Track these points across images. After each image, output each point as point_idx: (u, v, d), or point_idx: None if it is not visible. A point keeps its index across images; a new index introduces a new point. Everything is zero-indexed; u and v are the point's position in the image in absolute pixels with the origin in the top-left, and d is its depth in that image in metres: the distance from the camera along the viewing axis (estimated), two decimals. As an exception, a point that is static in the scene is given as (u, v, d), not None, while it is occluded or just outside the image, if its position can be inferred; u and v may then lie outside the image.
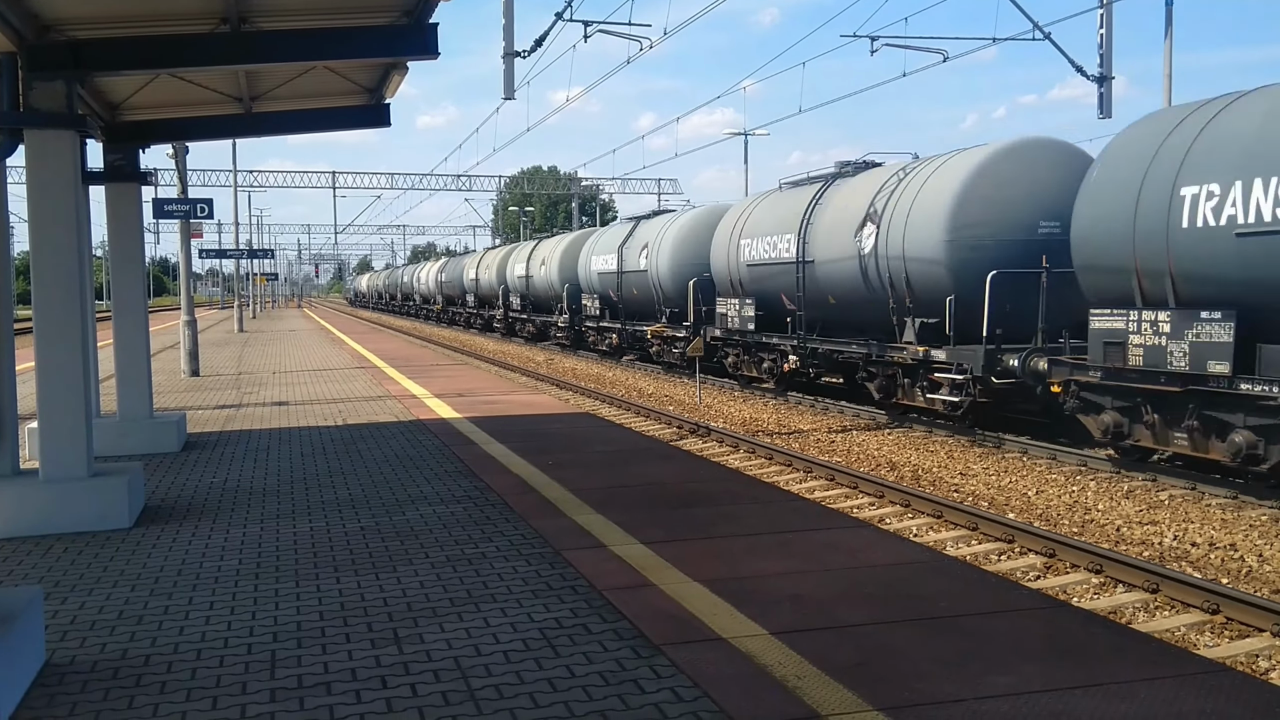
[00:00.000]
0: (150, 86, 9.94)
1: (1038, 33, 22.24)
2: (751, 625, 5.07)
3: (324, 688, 4.42)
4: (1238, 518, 10.49)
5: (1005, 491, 12.12)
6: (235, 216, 44.33)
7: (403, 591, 5.78)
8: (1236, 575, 8.81)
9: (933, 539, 10.03)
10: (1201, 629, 7.49)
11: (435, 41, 7.89)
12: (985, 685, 4.30)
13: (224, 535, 7.18)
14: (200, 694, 4.38)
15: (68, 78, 7.48)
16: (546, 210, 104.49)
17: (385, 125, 11.01)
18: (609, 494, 8.27)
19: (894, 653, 4.70)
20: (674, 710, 4.13)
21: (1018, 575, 8.79)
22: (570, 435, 11.71)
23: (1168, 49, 21.03)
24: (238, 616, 5.40)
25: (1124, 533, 10.19)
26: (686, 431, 16.76)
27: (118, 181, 10.67)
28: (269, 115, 11.28)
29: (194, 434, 12.13)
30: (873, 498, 11.75)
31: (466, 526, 7.27)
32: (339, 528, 7.31)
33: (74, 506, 7.38)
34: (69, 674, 4.65)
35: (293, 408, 14.75)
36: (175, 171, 21.47)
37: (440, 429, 12.20)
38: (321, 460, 10.13)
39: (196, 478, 9.39)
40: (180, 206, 18.24)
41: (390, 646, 4.91)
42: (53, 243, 7.38)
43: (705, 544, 6.66)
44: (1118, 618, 7.69)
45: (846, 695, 4.21)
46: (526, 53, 22.01)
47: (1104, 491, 11.84)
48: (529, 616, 5.31)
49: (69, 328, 7.44)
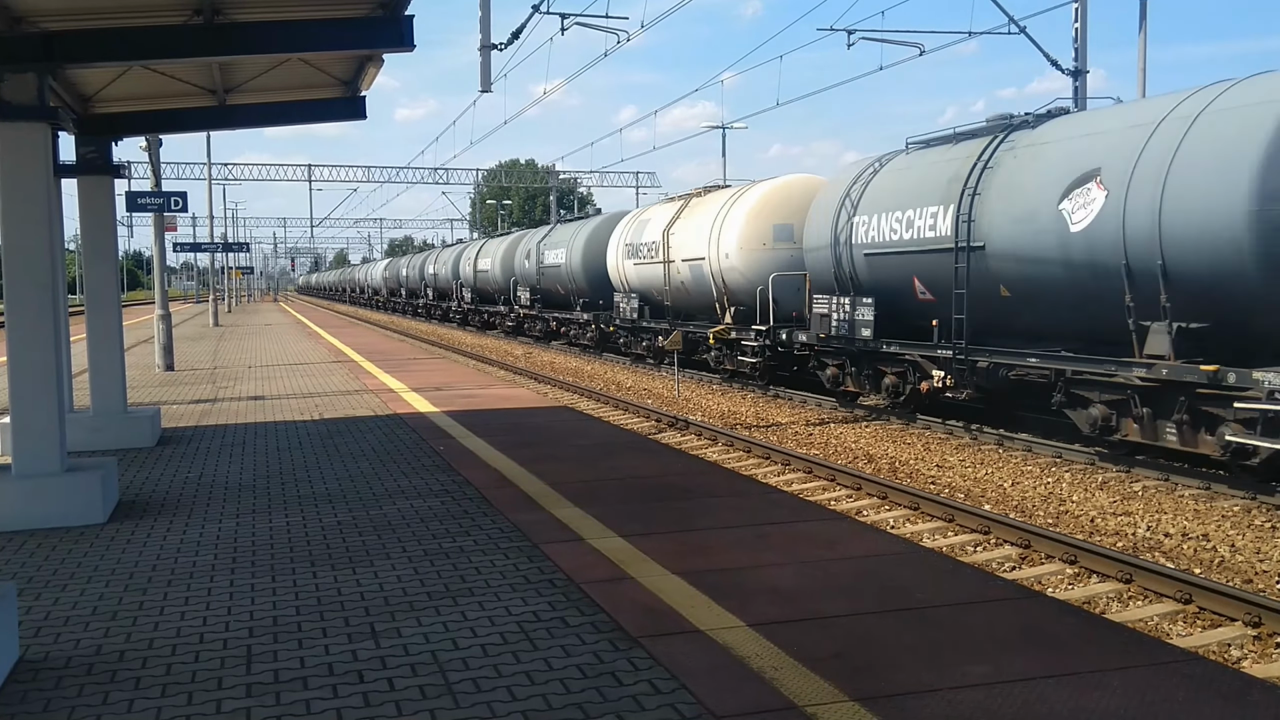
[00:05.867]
0: (123, 79, 9.85)
1: (1014, 26, 22.34)
2: (729, 617, 5.09)
3: (300, 682, 4.41)
4: (1210, 508, 10.60)
5: (981, 483, 12.20)
6: (210, 210, 43.97)
7: (380, 586, 5.76)
8: (1209, 565, 8.90)
9: (909, 531, 10.09)
10: (1174, 618, 7.57)
11: (410, 33, 7.84)
12: (961, 675, 4.33)
13: (199, 530, 7.14)
14: (175, 689, 4.36)
15: (39, 70, 7.40)
16: (525, 204, 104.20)
17: (361, 118, 10.94)
18: (587, 487, 8.27)
19: (871, 643, 4.73)
20: (652, 702, 4.14)
21: (993, 566, 8.86)
22: (549, 429, 11.69)
23: (1141, 42, 21.18)
24: (213, 612, 5.38)
25: (1098, 523, 10.28)
26: (665, 425, 16.77)
27: (90, 174, 10.57)
28: (243, 108, 11.18)
29: (169, 429, 12.05)
30: (850, 490, 11.80)
31: (444, 520, 7.25)
32: (315, 522, 7.28)
33: (47, 502, 7.32)
34: (43, 670, 4.62)
35: (269, 402, 14.67)
36: (149, 164, 21.30)
37: (418, 423, 12.16)
38: (298, 455, 10.08)
39: (171, 473, 9.33)
40: (154, 200, 18.09)
41: (367, 641, 4.89)
42: (24, 236, 7.31)
43: (683, 537, 6.68)
44: (1092, 608, 7.76)
45: (823, 686, 4.23)
46: (503, 45, 21.91)
47: (1079, 483, 11.93)
48: (507, 610, 5.30)
49: (41, 322, 7.37)
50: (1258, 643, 7.04)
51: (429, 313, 58.73)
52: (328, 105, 11.13)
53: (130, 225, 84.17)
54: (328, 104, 11.09)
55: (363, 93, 10.63)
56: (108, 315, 10.83)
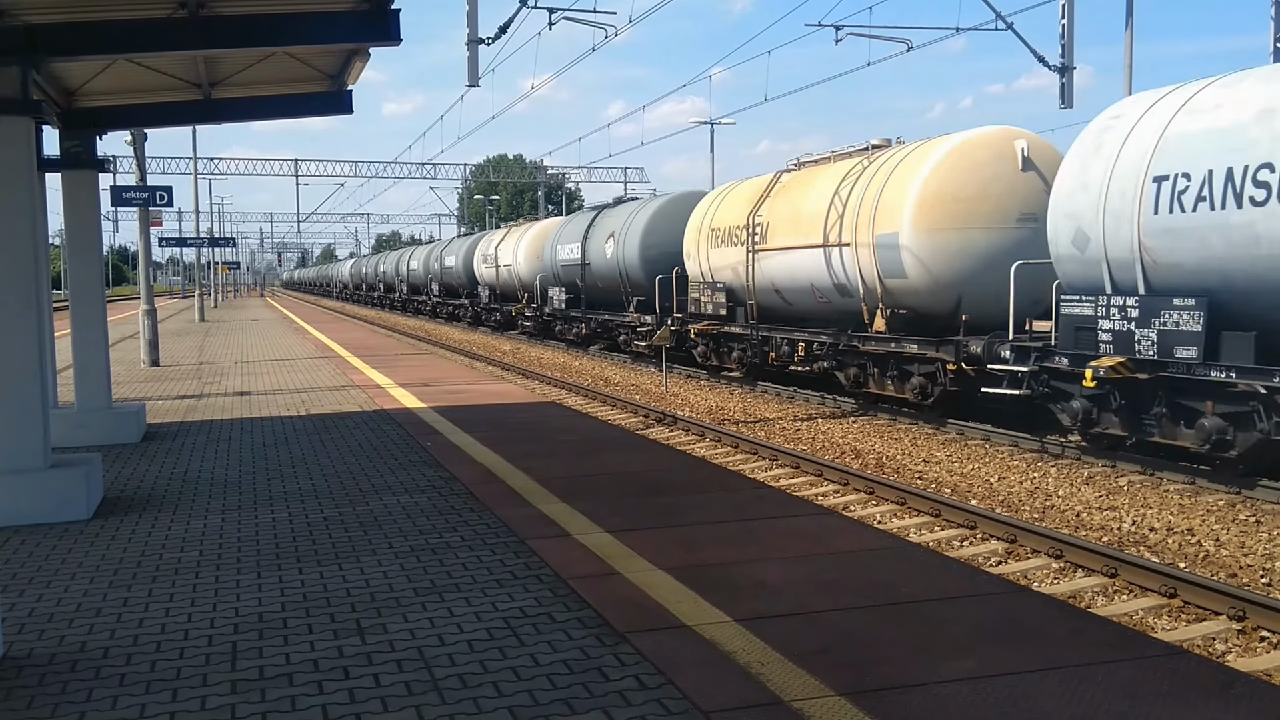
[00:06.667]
0: (107, 72, 9.78)
1: (1001, 23, 22.39)
2: (716, 612, 5.09)
3: (286, 679, 4.39)
4: (1195, 503, 10.65)
5: (968, 478, 12.23)
6: (196, 204, 43.70)
7: (366, 582, 5.74)
8: (1194, 560, 8.95)
9: (896, 526, 10.10)
10: (1159, 613, 7.60)
11: (397, 27, 7.80)
12: (946, 669, 4.33)
13: (184, 526, 7.10)
14: (160, 686, 4.33)
15: (22, 63, 7.33)
16: (512, 199, 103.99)
17: (347, 112, 10.88)
18: (575, 483, 8.26)
19: (856, 638, 4.74)
20: (638, 697, 4.14)
21: (979, 561, 8.88)
22: (536, 424, 11.68)
23: (1128, 39, 21.25)
24: (198, 608, 5.35)
25: (1084, 518, 10.32)
26: (653, 420, 16.77)
27: (74, 169, 10.50)
28: (229, 102, 11.13)
29: (154, 424, 11.99)
30: (837, 485, 11.81)
31: (431, 516, 7.24)
32: (301, 518, 7.25)
33: (31, 498, 7.27)
34: (26, 667, 4.59)
35: (255, 398, 14.61)
36: (134, 159, 21.18)
37: (405, 418, 12.13)
38: (284, 450, 10.05)
39: (156, 469, 9.28)
40: (139, 194, 17.96)
41: (353, 637, 4.88)
42: (7, 231, 7.24)
43: (671, 532, 6.67)
44: (1077, 602, 7.79)
45: (809, 681, 4.24)
46: (491, 39, 21.83)
47: (1064, 478, 11.97)
48: (493, 606, 5.29)
49: (24, 317, 7.30)
50: (1242, 637, 7.08)
51: (404, 307, 64.17)
52: (314, 99, 11.07)
53: (115, 220, 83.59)
54: (314, 98, 11.03)
55: (349, 87, 10.57)
56: (92, 311, 10.77)
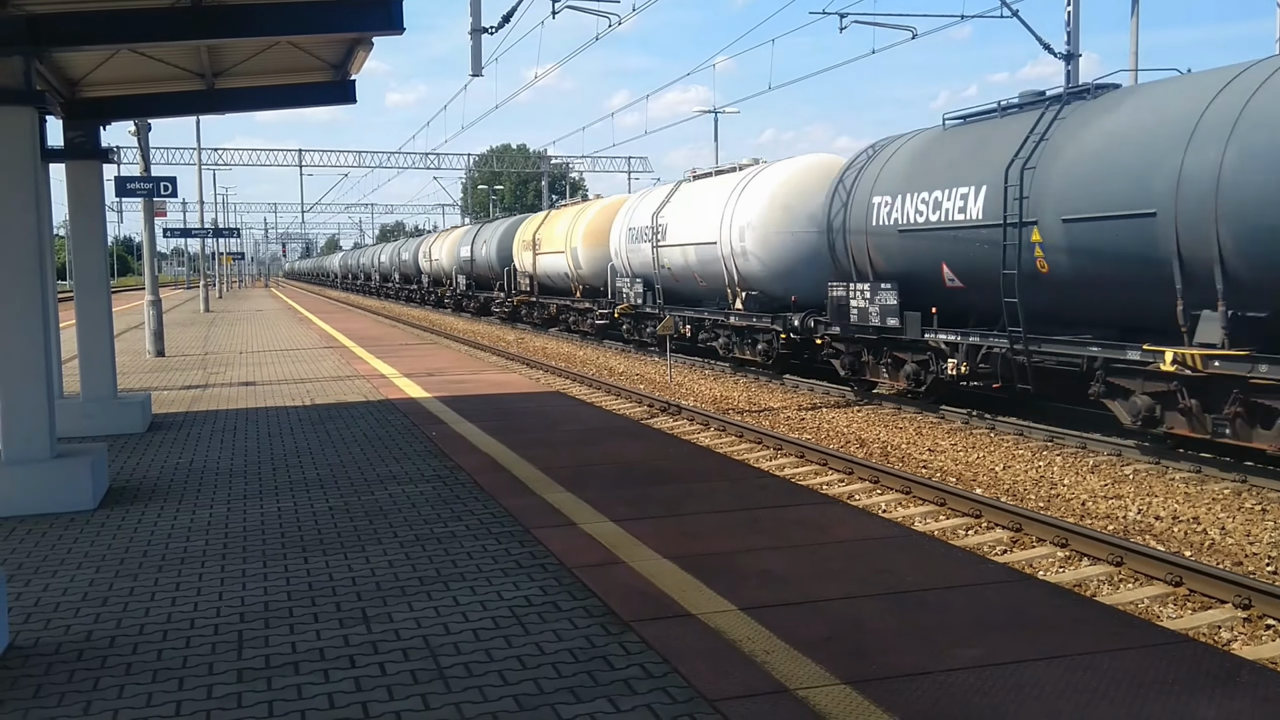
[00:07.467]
0: (110, 62, 9.77)
1: (1006, 10, 22.28)
2: (720, 601, 5.09)
3: (292, 667, 4.40)
4: (1201, 491, 10.63)
5: (973, 467, 12.22)
6: (200, 195, 43.73)
7: (371, 571, 5.75)
8: (1199, 548, 8.94)
9: (901, 514, 10.10)
10: (1165, 601, 7.60)
11: (400, 16, 7.79)
12: (951, 658, 4.33)
13: (190, 516, 7.12)
14: (166, 675, 4.35)
15: (25, 53, 7.34)
16: (516, 189, 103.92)
17: (351, 102, 10.87)
18: (579, 472, 8.26)
19: (862, 626, 4.74)
20: (643, 686, 4.14)
21: (985, 549, 8.88)
22: (540, 414, 11.68)
23: (1134, 27, 21.16)
24: (204, 597, 5.36)
25: (1089, 507, 10.31)
26: (657, 410, 16.77)
27: (78, 159, 10.51)
28: (232, 92, 11.12)
29: (159, 415, 12.01)
30: (842, 474, 11.81)
31: (435, 506, 7.24)
32: (307, 508, 7.26)
33: (37, 488, 7.29)
34: (33, 656, 4.61)
35: (260, 388, 14.63)
36: (138, 149, 21.17)
37: (409, 408, 12.14)
38: (289, 440, 10.06)
39: (162, 459, 9.30)
40: (143, 184, 18.01)
41: (359, 626, 4.89)
42: (11, 222, 7.25)
43: (675, 521, 6.67)
44: (1083, 590, 7.78)
45: (814, 669, 4.24)
46: (494, 28, 21.76)
47: (1070, 466, 11.96)
48: (498, 595, 5.30)
49: (30, 308, 7.32)
50: (1247, 624, 7.07)
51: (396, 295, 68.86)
52: (318, 89, 11.06)
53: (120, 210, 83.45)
54: (317, 88, 11.02)
55: (352, 76, 10.56)
56: (97, 301, 10.79)
